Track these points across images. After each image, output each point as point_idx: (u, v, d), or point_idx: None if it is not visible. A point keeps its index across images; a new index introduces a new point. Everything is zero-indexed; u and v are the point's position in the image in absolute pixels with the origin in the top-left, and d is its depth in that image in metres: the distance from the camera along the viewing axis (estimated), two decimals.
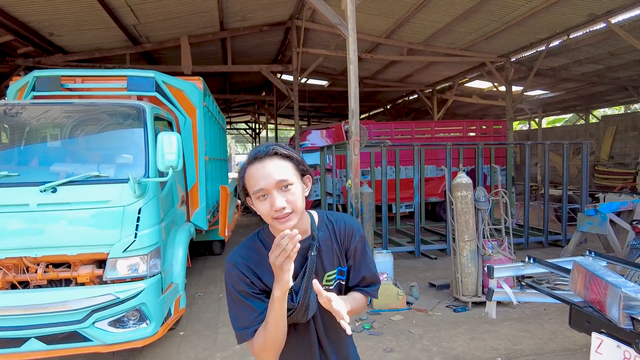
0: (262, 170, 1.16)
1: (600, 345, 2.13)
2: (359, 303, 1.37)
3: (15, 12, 6.83)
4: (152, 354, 3.82)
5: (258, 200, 1.18)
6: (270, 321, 1.17)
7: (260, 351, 1.22)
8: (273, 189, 1.15)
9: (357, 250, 1.38)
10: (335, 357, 1.36)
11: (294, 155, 1.23)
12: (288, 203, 1.16)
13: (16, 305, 3.10)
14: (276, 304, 1.15)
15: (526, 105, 17.54)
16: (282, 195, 1.16)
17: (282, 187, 1.16)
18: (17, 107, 3.71)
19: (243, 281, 1.24)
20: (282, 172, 1.17)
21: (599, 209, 5.94)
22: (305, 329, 1.31)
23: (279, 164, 1.18)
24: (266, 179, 1.15)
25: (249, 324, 1.23)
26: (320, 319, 1.33)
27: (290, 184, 1.17)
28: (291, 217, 1.17)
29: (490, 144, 8.56)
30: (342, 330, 1.33)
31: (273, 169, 1.16)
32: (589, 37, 9.25)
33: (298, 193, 1.18)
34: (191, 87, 5.12)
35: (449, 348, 3.86)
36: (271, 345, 1.20)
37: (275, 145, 1.21)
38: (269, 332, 1.18)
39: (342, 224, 1.37)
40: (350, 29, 5.19)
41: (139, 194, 3.32)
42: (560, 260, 3.19)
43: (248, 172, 1.19)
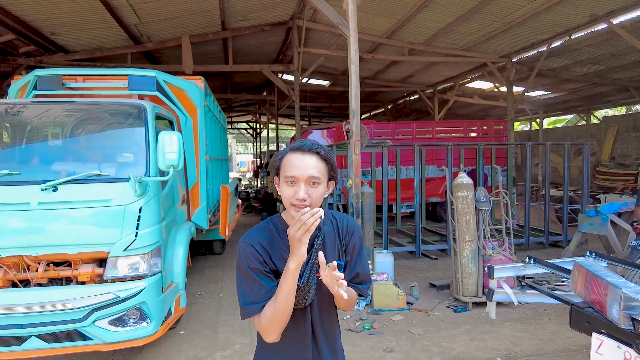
0: (301, 161, 1.27)
1: (600, 345, 2.13)
2: (350, 295, 1.43)
3: (17, 11, 6.84)
4: (152, 353, 3.83)
5: (286, 184, 1.28)
6: (282, 293, 1.24)
7: (268, 324, 1.28)
8: (303, 180, 1.25)
9: (355, 248, 1.47)
10: (326, 347, 1.45)
11: (331, 160, 1.34)
12: (309, 197, 1.26)
13: (17, 304, 3.10)
14: (290, 276, 1.22)
15: (527, 105, 17.53)
16: (308, 189, 1.26)
17: (311, 183, 1.26)
18: (19, 105, 3.71)
19: (256, 259, 1.32)
20: (316, 170, 1.28)
21: (600, 210, 5.93)
22: (301, 316, 1.38)
23: (317, 162, 1.29)
24: (301, 170, 1.26)
25: (258, 299, 1.30)
26: (317, 308, 1.41)
27: (318, 183, 1.28)
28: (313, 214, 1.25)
29: (491, 145, 8.55)
30: (335, 325, 1.51)
31: (310, 164, 1.27)
32: (591, 38, 9.25)
33: (321, 192, 1.29)
34: (192, 87, 5.12)
35: (449, 348, 3.86)
36: (279, 318, 1.26)
37: (319, 146, 1.32)
38: (279, 304, 1.25)
39: (345, 222, 1.48)
40: (351, 29, 5.19)
41: (139, 193, 3.33)
42: (560, 261, 3.19)
43: (288, 157, 1.30)
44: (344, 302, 1.39)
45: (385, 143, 6.96)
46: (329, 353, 1.46)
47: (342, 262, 1.44)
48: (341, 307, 1.46)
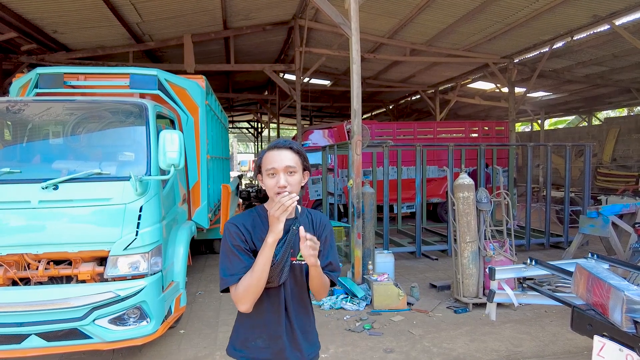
0: (278, 156, 1.51)
1: (602, 348, 2.12)
2: (323, 277, 1.59)
3: (19, 9, 6.85)
4: (152, 352, 3.82)
5: (268, 177, 1.51)
6: (259, 263, 1.43)
7: (244, 293, 1.46)
8: (281, 171, 1.49)
9: (327, 240, 1.68)
10: (297, 324, 1.62)
11: (302, 153, 1.58)
12: (289, 184, 1.48)
13: (17, 302, 3.10)
14: (267, 248, 1.42)
15: (529, 106, 17.51)
16: (287, 178, 1.49)
17: (288, 172, 1.50)
18: (20, 104, 3.71)
19: (239, 237, 1.53)
20: (291, 160, 1.52)
21: (601, 212, 5.92)
22: (275, 294, 1.56)
23: (291, 155, 1.53)
24: (279, 162, 1.50)
25: (236, 271, 1.49)
26: (289, 289, 1.59)
27: (294, 171, 1.51)
28: (291, 197, 1.45)
29: (492, 145, 8.54)
30: (308, 307, 1.69)
31: (285, 157, 1.51)
32: (593, 39, 9.23)
33: (297, 179, 1.52)
34: (194, 86, 5.11)
35: (450, 349, 3.85)
36: (254, 287, 1.45)
37: (291, 142, 1.58)
38: (255, 273, 1.43)
39: (318, 217, 1.72)
40: (353, 29, 5.18)
41: (140, 192, 3.32)
42: (562, 263, 3.18)
43: (267, 155, 1.54)
44: (318, 283, 1.56)
45: (387, 143, 6.94)
46: (300, 331, 1.62)
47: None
48: (315, 291, 1.61)
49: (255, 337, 1.59)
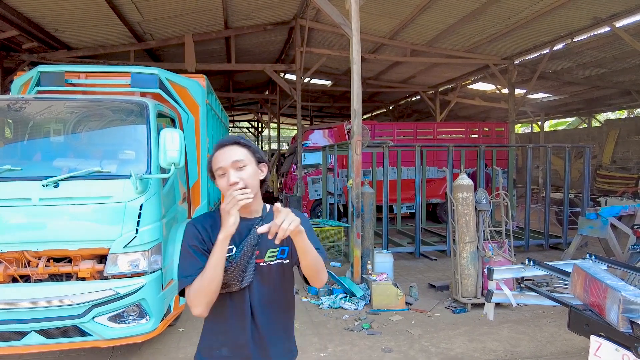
0: (223, 154, 1.43)
1: (599, 348, 2.13)
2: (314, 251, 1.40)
3: (20, 7, 6.86)
4: (151, 349, 3.83)
5: (219, 178, 1.42)
6: (210, 263, 1.33)
7: (194, 295, 1.35)
8: (230, 168, 1.40)
9: None
10: (266, 331, 1.47)
11: (251, 145, 1.48)
12: (241, 179, 1.39)
13: (17, 299, 3.11)
14: (218, 247, 1.33)
15: (529, 108, 17.52)
16: (237, 174, 1.40)
17: (237, 167, 1.40)
18: (21, 101, 3.71)
19: (196, 237, 1.44)
20: (238, 154, 1.43)
21: (601, 213, 5.93)
22: (240, 299, 1.45)
23: (237, 150, 1.44)
24: (225, 160, 1.41)
25: (191, 272, 1.38)
26: (257, 293, 1.46)
27: (244, 164, 1.42)
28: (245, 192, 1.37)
29: (492, 146, 8.55)
30: (285, 314, 1.53)
31: (231, 153, 1.42)
32: (593, 41, 9.24)
33: (250, 172, 1.42)
34: (194, 85, 5.12)
35: (448, 349, 3.87)
36: (206, 289, 1.34)
37: (237, 137, 1.49)
38: (206, 274, 1.33)
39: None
40: (354, 29, 5.19)
41: (140, 190, 3.33)
42: (560, 263, 3.20)
43: (214, 156, 1.45)
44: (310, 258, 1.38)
45: (387, 143, 6.96)
46: (270, 339, 1.47)
47: (286, 248, 1.50)
48: (311, 271, 1.42)
49: (220, 345, 1.48)
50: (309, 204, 10.37)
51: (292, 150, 11.72)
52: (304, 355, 3.74)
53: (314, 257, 1.40)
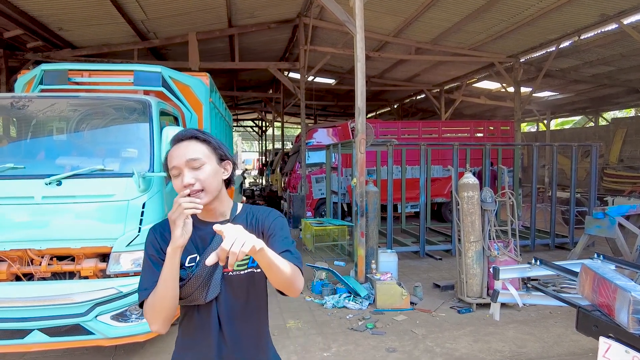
0: (178, 151, 1.26)
1: (608, 350, 2.09)
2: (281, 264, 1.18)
3: (25, 6, 6.88)
4: (154, 348, 3.82)
5: (174, 178, 1.26)
6: (160, 278, 1.20)
7: (150, 311, 1.23)
8: (185, 167, 1.23)
9: (272, 232, 1.34)
10: (236, 347, 1.32)
11: (211, 140, 1.31)
12: (197, 180, 1.23)
13: (20, 297, 3.10)
14: (167, 261, 1.18)
15: (534, 106, 17.39)
16: (193, 174, 1.23)
17: (194, 166, 1.24)
18: (24, 100, 3.71)
19: (154, 246, 1.30)
20: (194, 152, 1.25)
21: (608, 212, 5.85)
22: (206, 312, 1.31)
23: (194, 146, 1.27)
24: (179, 157, 1.24)
25: (148, 285, 1.25)
26: (225, 306, 1.31)
27: (201, 163, 1.25)
28: (201, 195, 1.23)
29: (497, 145, 8.48)
30: (257, 326, 1.37)
31: (187, 150, 1.25)
32: (600, 38, 9.14)
33: (208, 172, 1.26)
34: (198, 83, 5.10)
35: (452, 349, 3.83)
36: (159, 306, 1.21)
37: (195, 130, 1.30)
38: (157, 290, 1.21)
39: (260, 212, 1.39)
40: (358, 27, 5.16)
41: (143, 189, 3.32)
42: (567, 263, 3.15)
43: (169, 153, 1.28)
44: (276, 272, 1.16)
45: (391, 142, 6.92)
46: (241, 355, 1.32)
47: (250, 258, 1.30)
48: (281, 284, 1.22)
49: None
50: (313, 203, 10.34)
51: (296, 149, 11.70)
52: (308, 355, 3.72)
53: (282, 271, 1.18)
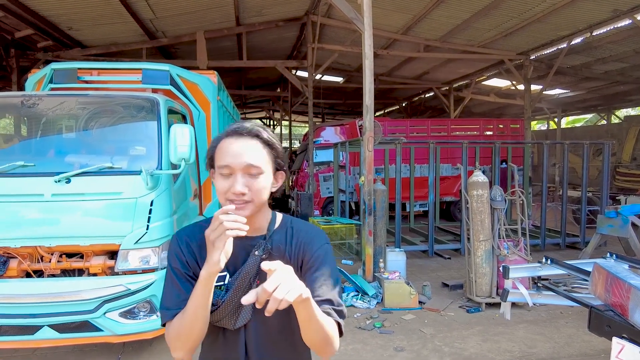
0: (236, 147, 1.07)
1: (621, 350, 2.05)
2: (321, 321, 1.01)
3: (35, 6, 6.94)
4: (162, 345, 3.84)
5: (220, 177, 1.08)
6: (190, 305, 1.03)
7: (174, 339, 1.07)
8: (239, 171, 1.05)
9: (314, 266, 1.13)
10: None
11: (275, 146, 1.13)
12: (250, 191, 1.06)
13: (31, 294, 3.14)
14: (199, 287, 1.01)
15: (545, 104, 17.18)
16: (247, 181, 1.06)
17: (250, 173, 1.06)
18: (34, 98, 3.75)
19: (179, 257, 1.14)
20: (256, 157, 1.07)
21: (621, 211, 5.77)
22: (234, 339, 1.14)
23: (257, 149, 1.08)
24: (237, 157, 1.06)
25: (172, 305, 1.09)
26: (254, 334, 1.14)
27: (259, 172, 1.07)
28: (247, 207, 1.06)
29: (507, 143, 8.39)
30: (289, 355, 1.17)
31: (247, 150, 1.07)
32: (613, 34, 8.99)
33: (263, 184, 1.08)
34: (205, 81, 5.11)
35: (461, 349, 3.79)
36: (185, 335, 1.05)
37: (260, 128, 1.11)
38: (185, 319, 1.04)
39: (302, 232, 1.18)
40: (366, 24, 5.12)
41: (151, 186, 3.33)
42: (579, 262, 3.09)
43: (222, 144, 1.09)
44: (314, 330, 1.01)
45: (399, 140, 6.87)
46: None
47: None
48: (313, 344, 1.07)
49: None
50: (321, 202, 10.33)
51: (303, 148, 11.69)
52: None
53: (321, 331, 1.02)
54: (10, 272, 3.21)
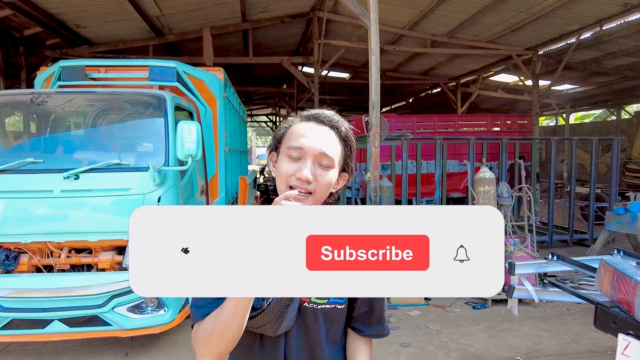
0: (315, 132, 1.00)
1: (627, 347, 2.04)
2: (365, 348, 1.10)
3: (43, 3, 7.00)
4: (169, 340, 3.88)
5: (286, 157, 1.00)
6: (227, 307, 0.89)
7: (204, 341, 0.94)
8: (311, 157, 0.98)
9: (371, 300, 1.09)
10: None
11: (350, 143, 1.07)
12: (316, 181, 0.98)
13: (41, 288, 3.20)
14: None
15: (553, 100, 17.01)
16: (315, 170, 0.99)
17: (321, 163, 0.99)
18: (43, 95, 3.79)
19: None
20: (332, 148, 1.00)
21: (630, 208, 5.70)
22: (273, 347, 1.05)
23: (334, 140, 1.02)
24: (314, 143, 0.98)
25: (202, 302, 0.98)
26: (294, 342, 1.05)
27: (330, 166, 1.00)
28: (308, 198, 0.99)
29: (514, 139, 8.33)
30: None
31: (326, 140, 1.00)
32: (624, 29, 8.86)
33: (331, 179, 1.01)
34: (212, 78, 5.13)
35: (467, 345, 3.79)
36: (217, 338, 0.92)
37: (340, 120, 1.05)
38: (220, 320, 0.91)
39: None
40: (372, 19, 5.11)
41: (158, 183, 3.36)
42: (585, 259, 3.08)
43: (298, 125, 1.03)
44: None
45: (406, 136, 6.85)
46: None
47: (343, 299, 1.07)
48: None
49: None
50: None
51: None
52: None
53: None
54: (21, 267, 3.27)
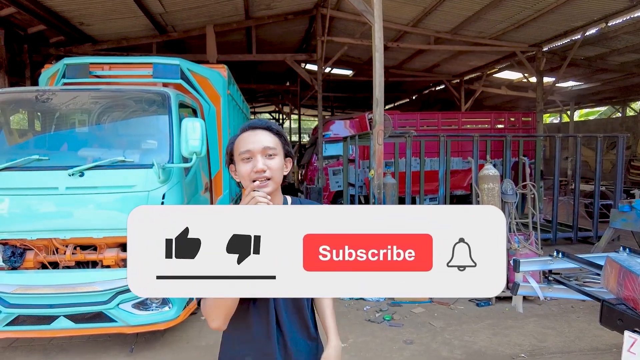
0: (254, 137, 1.30)
1: (633, 344, 2.03)
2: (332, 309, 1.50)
3: (47, 1, 7.01)
4: (173, 337, 3.90)
5: (242, 162, 1.29)
6: None
7: (210, 309, 1.23)
8: (258, 153, 1.28)
9: None
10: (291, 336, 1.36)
11: (283, 134, 1.38)
12: (269, 169, 1.27)
13: (47, 285, 3.22)
14: None
15: (558, 97, 16.90)
16: (265, 161, 1.28)
17: (267, 155, 1.29)
18: (48, 93, 3.80)
19: None
20: (271, 141, 1.31)
21: (635, 205, 5.67)
22: (264, 305, 1.32)
23: (269, 136, 1.32)
24: (255, 143, 1.29)
25: None
26: (282, 302, 1.35)
27: (274, 154, 1.30)
28: (269, 184, 1.27)
29: (518, 136, 8.29)
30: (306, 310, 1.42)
31: (263, 137, 1.31)
32: (629, 25, 8.78)
33: (279, 164, 1.31)
34: (216, 75, 5.13)
35: (471, 342, 3.79)
36: (221, 304, 1.20)
37: (269, 122, 1.36)
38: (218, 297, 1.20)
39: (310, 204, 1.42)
40: (376, 16, 5.09)
41: (163, 180, 3.37)
42: (591, 256, 3.06)
43: (240, 137, 1.32)
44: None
45: (409, 133, 6.84)
46: (296, 344, 1.37)
47: None
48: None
49: (243, 355, 1.35)
50: (330, 196, 10.34)
51: (312, 142, 11.69)
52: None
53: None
54: (27, 263, 3.29)
